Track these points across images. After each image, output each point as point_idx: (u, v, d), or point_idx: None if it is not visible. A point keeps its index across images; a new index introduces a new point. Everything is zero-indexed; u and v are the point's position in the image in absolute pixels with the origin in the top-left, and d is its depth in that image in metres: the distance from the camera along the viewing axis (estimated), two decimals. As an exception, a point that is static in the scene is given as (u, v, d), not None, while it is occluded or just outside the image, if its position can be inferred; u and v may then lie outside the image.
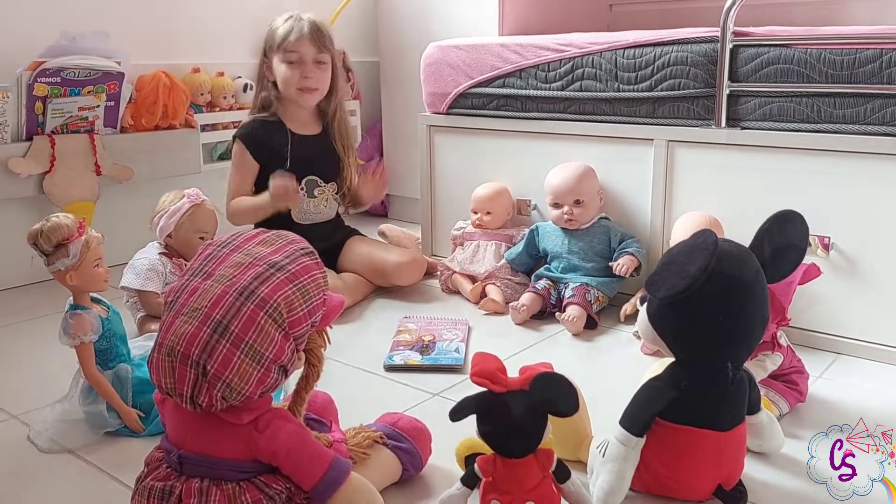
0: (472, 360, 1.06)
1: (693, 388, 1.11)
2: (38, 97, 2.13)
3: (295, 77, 2.06)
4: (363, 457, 1.13)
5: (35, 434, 1.37)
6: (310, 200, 2.13)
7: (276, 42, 2.07)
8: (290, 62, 2.06)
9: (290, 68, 2.06)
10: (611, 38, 1.96)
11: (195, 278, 1.00)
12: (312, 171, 2.13)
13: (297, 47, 2.05)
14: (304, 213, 2.14)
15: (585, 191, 1.92)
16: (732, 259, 1.07)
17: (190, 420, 1.00)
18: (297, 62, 2.06)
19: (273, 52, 2.08)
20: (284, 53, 2.05)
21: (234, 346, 0.94)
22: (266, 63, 2.12)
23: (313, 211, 2.15)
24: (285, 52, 2.05)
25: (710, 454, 1.12)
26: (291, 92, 2.09)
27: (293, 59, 2.05)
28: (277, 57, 2.07)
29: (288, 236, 1.05)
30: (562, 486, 1.07)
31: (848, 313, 1.69)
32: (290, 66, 2.06)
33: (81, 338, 1.33)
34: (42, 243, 1.32)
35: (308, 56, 2.06)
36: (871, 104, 1.61)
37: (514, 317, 1.89)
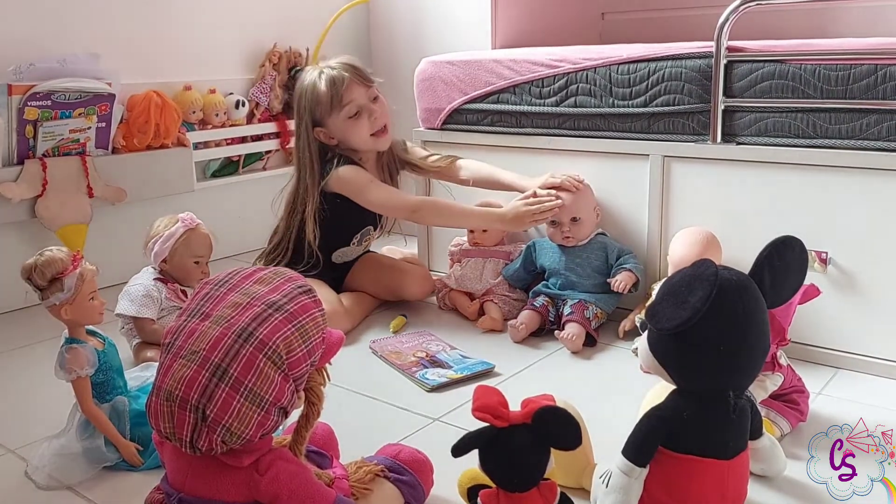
0: (474, 394, 1.06)
1: (695, 417, 1.10)
2: (28, 121, 2.12)
3: (365, 127, 1.96)
4: (365, 493, 1.12)
5: (33, 470, 1.35)
6: (357, 248, 2.14)
7: (325, 103, 1.94)
8: (353, 115, 1.95)
9: (356, 120, 1.95)
10: (605, 54, 1.96)
11: (193, 319, 0.99)
12: (369, 223, 2.12)
13: (353, 97, 1.94)
14: (344, 255, 2.15)
15: (582, 208, 1.92)
16: (733, 288, 1.07)
17: (190, 463, 0.99)
18: (359, 111, 1.96)
19: (326, 116, 1.95)
20: (343, 109, 1.94)
21: (233, 390, 0.93)
22: (322, 132, 1.98)
23: (351, 253, 2.15)
24: (342, 107, 1.94)
25: (713, 483, 1.11)
26: (367, 143, 1.99)
27: (355, 111, 1.95)
28: (335, 117, 1.95)
29: (285, 274, 1.04)
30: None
31: (847, 328, 1.68)
32: (355, 119, 1.95)
33: (78, 372, 1.32)
34: (36, 278, 1.31)
35: (364, 98, 1.97)
36: (866, 119, 1.61)
37: (513, 335, 1.89)
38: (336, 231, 2.07)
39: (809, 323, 1.69)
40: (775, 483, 1.26)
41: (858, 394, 1.57)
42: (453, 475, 1.18)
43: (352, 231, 2.11)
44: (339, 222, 2.05)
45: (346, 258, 2.17)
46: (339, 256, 2.14)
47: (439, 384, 1.65)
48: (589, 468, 1.23)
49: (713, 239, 1.76)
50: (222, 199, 2.70)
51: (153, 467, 1.34)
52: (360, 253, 2.21)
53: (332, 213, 2.01)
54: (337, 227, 2.06)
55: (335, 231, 2.07)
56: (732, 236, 1.77)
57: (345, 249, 2.14)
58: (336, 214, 2.02)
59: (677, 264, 1.68)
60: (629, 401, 1.44)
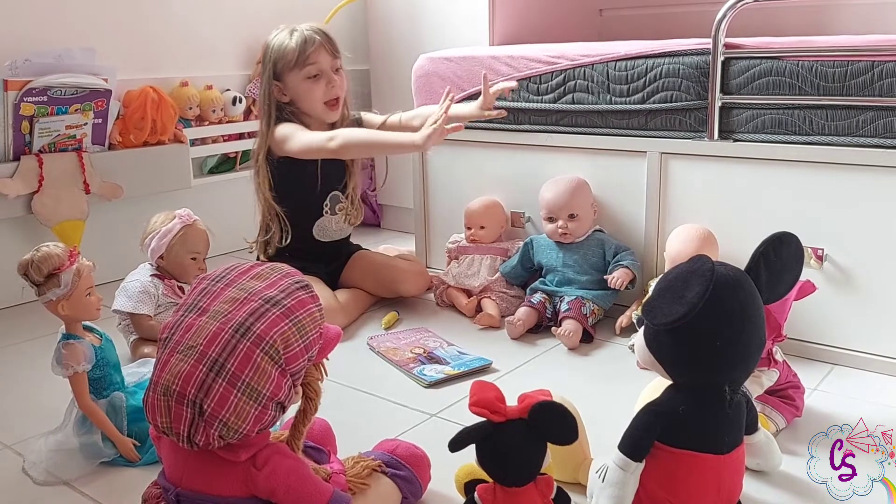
0: (471, 389, 1.06)
1: (691, 412, 1.11)
2: (24, 116, 2.11)
3: (320, 91, 1.98)
4: (363, 487, 1.12)
5: (30, 465, 1.35)
6: (332, 217, 2.12)
7: (290, 59, 1.96)
8: (312, 76, 1.97)
9: (313, 83, 1.97)
10: (602, 50, 1.96)
11: (190, 314, 0.99)
12: (334, 187, 2.10)
13: (317, 59, 1.96)
14: (324, 230, 2.12)
15: (579, 205, 1.92)
16: (729, 284, 1.07)
17: (187, 458, 0.99)
18: (319, 74, 1.97)
19: (288, 71, 1.97)
20: (304, 69, 1.96)
21: (230, 385, 0.93)
22: (277, 86, 2.00)
23: (334, 228, 2.13)
24: (304, 66, 1.96)
25: (709, 477, 1.12)
26: (318, 108, 2.00)
27: (314, 73, 1.97)
28: (294, 74, 1.97)
29: (282, 269, 1.04)
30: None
31: (843, 324, 1.69)
32: (313, 81, 1.97)
33: (75, 368, 1.32)
34: (33, 274, 1.31)
35: (328, 65, 1.98)
36: (862, 116, 1.61)
37: (510, 331, 1.89)
38: (301, 199, 2.05)
39: (805, 319, 1.69)
40: (775, 483, 1.26)
41: (854, 390, 1.58)
42: (450, 470, 1.18)
43: (317, 197, 2.07)
44: (299, 188, 2.03)
45: (331, 235, 2.13)
46: (321, 232, 2.12)
47: (437, 380, 1.65)
48: (585, 463, 1.24)
49: (710, 235, 1.77)
50: (219, 195, 2.69)
51: (150, 463, 1.35)
52: (344, 231, 2.16)
53: (284, 175, 2.02)
54: (298, 193, 2.03)
55: (300, 199, 2.05)
56: (729, 233, 1.77)
57: (322, 222, 2.11)
58: (291, 178, 2.02)
59: (674, 260, 1.69)
60: (625, 396, 1.44)
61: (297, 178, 2.02)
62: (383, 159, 2.93)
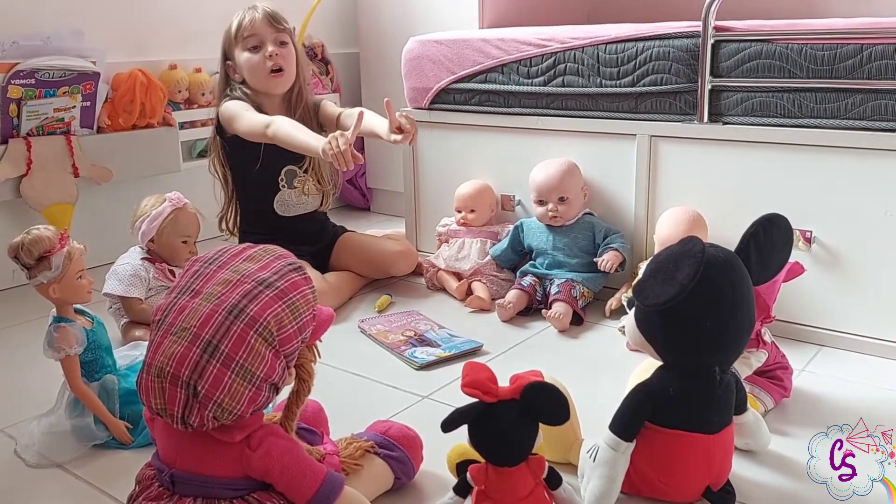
0: (463, 370, 1.06)
1: (681, 393, 1.12)
2: (12, 99, 2.09)
3: (261, 61, 2.00)
4: (356, 468, 1.13)
5: (22, 448, 1.35)
6: (290, 191, 2.11)
7: (233, 35, 2.03)
8: (253, 48, 2.01)
9: (253, 54, 2.01)
10: (592, 33, 1.96)
11: (183, 296, 0.99)
12: (288, 162, 2.09)
13: (255, 31, 2.00)
14: (285, 204, 2.12)
15: (569, 188, 1.93)
16: (719, 265, 1.08)
17: (181, 439, 1.00)
18: (259, 46, 2.01)
19: (233, 47, 2.04)
20: (244, 41, 2.01)
21: (224, 366, 0.93)
22: (230, 65, 2.06)
23: (295, 202, 2.13)
24: (245, 39, 2.00)
25: (699, 457, 1.13)
26: (262, 78, 2.02)
27: (254, 44, 2.01)
28: (238, 49, 2.02)
29: (275, 251, 1.05)
30: (554, 493, 1.08)
31: (830, 306, 1.71)
32: (253, 52, 2.01)
33: (66, 350, 1.32)
34: (23, 256, 1.30)
35: (268, 37, 2.01)
36: (851, 99, 1.62)
37: (501, 314, 1.90)
38: (255, 175, 2.05)
39: (794, 301, 1.71)
40: (764, 462, 1.27)
41: (841, 371, 1.60)
42: (442, 451, 1.19)
43: (271, 173, 2.08)
44: (251, 163, 2.03)
45: (294, 209, 2.12)
46: (283, 207, 2.11)
47: (428, 363, 1.66)
48: (577, 443, 1.25)
49: (699, 218, 1.78)
50: (209, 178, 2.66)
51: (143, 445, 1.35)
52: (306, 204, 2.14)
53: (237, 151, 2.05)
54: (250, 168, 2.03)
55: (254, 175, 2.05)
56: (718, 215, 1.78)
57: (281, 196, 2.10)
58: (242, 154, 2.04)
59: (663, 243, 1.70)
60: (616, 378, 1.45)
61: (248, 154, 2.03)
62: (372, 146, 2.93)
